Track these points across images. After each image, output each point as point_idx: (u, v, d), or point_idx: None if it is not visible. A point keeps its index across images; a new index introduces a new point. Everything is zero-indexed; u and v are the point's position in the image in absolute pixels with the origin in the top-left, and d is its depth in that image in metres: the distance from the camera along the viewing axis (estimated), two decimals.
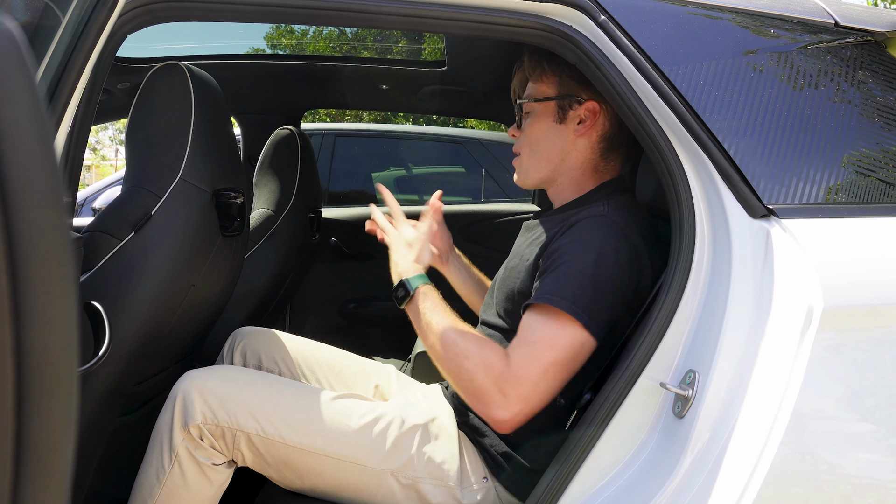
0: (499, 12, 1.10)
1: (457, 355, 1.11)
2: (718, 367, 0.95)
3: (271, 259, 2.05)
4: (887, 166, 1.04)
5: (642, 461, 1.03)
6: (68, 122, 0.97)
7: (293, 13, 1.10)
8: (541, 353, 1.07)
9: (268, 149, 2.16)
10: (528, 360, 1.07)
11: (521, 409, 1.06)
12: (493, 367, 1.08)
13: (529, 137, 1.32)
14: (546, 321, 1.10)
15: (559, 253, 1.14)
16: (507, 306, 1.26)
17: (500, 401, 1.06)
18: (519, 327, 1.14)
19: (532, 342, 1.09)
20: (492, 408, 1.07)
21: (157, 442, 1.18)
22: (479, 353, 1.10)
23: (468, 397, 1.11)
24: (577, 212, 1.23)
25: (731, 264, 0.99)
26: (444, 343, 1.12)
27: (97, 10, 0.94)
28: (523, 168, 1.35)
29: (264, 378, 1.27)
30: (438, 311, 1.17)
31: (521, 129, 1.35)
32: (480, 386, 1.08)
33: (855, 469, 0.94)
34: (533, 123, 1.32)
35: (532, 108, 1.32)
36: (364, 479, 1.19)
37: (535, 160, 1.32)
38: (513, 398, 1.06)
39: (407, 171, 4.38)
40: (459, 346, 1.11)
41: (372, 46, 9.35)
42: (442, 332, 1.13)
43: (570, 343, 1.08)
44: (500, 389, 1.06)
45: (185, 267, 1.23)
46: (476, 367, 1.08)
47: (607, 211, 1.19)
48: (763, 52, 1.08)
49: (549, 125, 1.30)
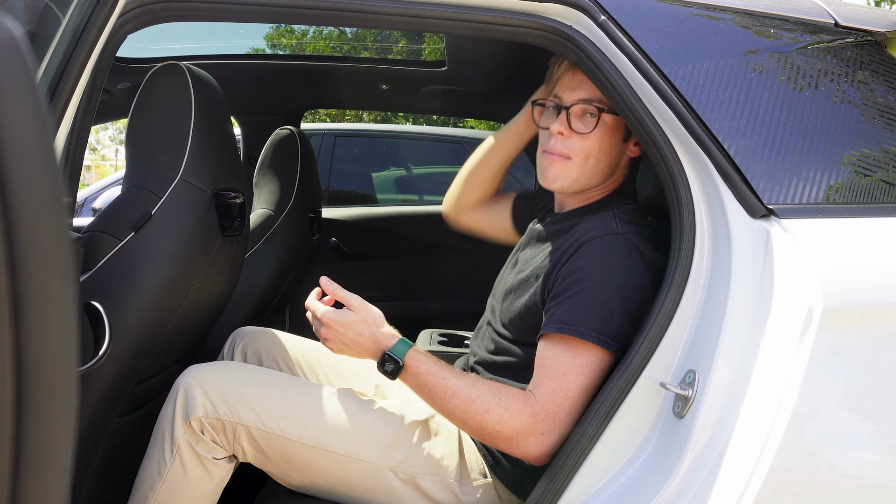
0: (499, 12, 1.10)
1: (476, 412, 1.09)
2: (718, 367, 0.95)
3: (271, 259, 2.05)
4: (887, 166, 1.04)
5: (642, 461, 1.03)
6: (68, 122, 0.97)
7: (293, 13, 1.10)
8: (573, 382, 1.08)
9: (268, 149, 2.16)
10: (560, 394, 1.08)
11: (558, 438, 1.07)
12: (522, 412, 1.08)
13: (592, 147, 1.22)
14: (573, 350, 1.09)
15: (576, 277, 1.12)
16: (513, 318, 1.25)
17: (536, 440, 1.07)
18: (540, 357, 1.12)
19: (562, 374, 1.08)
20: (529, 449, 1.07)
21: (159, 435, 1.18)
22: (500, 402, 1.09)
23: (501, 444, 1.09)
24: (585, 220, 1.21)
25: (731, 264, 0.99)
26: (459, 404, 1.11)
27: (97, 10, 0.94)
28: (573, 176, 1.23)
29: (265, 373, 1.27)
30: (436, 371, 1.14)
31: (576, 131, 1.22)
32: (512, 432, 1.07)
33: (855, 469, 0.94)
34: (602, 134, 1.22)
35: (600, 117, 1.21)
36: (363, 474, 1.19)
37: (591, 173, 1.24)
38: (549, 432, 1.07)
39: (407, 171, 4.38)
40: (476, 402, 1.10)
41: (372, 46, 9.35)
42: (452, 395, 1.11)
43: (597, 367, 1.09)
44: (533, 429, 1.07)
45: (186, 267, 1.23)
46: (501, 417, 1.08)
47: (620, 229, 1.16)
48: (763, 52, 1.08)
49: (617, 141, 1.24)
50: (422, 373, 1.14)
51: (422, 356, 1.16)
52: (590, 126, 1.21)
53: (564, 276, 1.14)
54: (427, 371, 1.14)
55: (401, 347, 1.16)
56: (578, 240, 1.16)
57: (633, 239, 1.14)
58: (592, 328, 1.08)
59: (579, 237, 1.16)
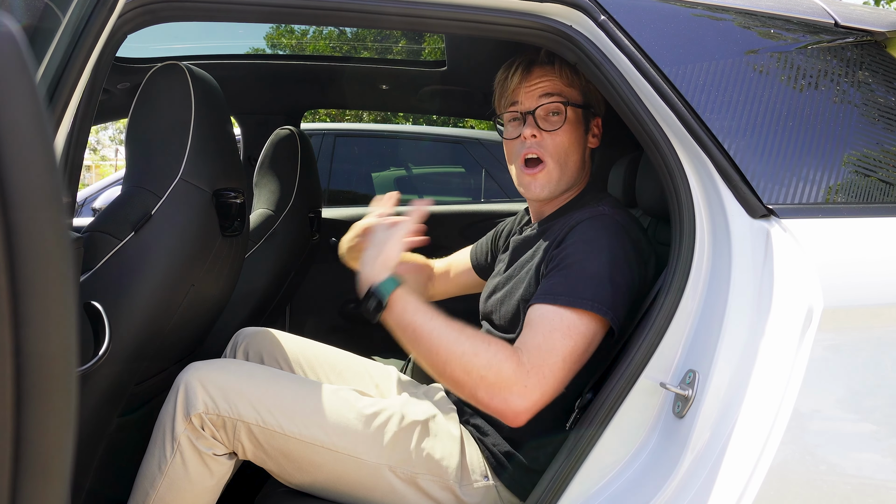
0: (499, 12, 1.10)
1: (463, 353, 1.05)
2: (718, 367, 0.95)
3: (271, 259, 2.05)
4: (887, 166, 1.04)
5: (642, 461, 1.03)
6: (68, 122, 0.97)
7: (293, 13, 1.10)
8: (559, 341, 1.06)
9: (268, 149, 2.16)
10: (547, 349, 1.06)
11: (539, 398, 1.04)
12: (509, 359, 1.05)
13: (563, 142, 1.24)
14: (561, 313, 1.08)
15: (567, 253, 1.13)
16: (512, 317, 1.26)
17: (519, 390, 1.03)
18: (529, 318, 1.12)
19: (549, 331, 1.07)
20: (511, 400, 1.03)
21: (160, 432, 1.19)
22: (489, 348, 1.06)
23: (482, 393, 1.05)
24: (570, 215, 1.24)
25: (731, 264, 0.99)
26: (445, 345, 1.06)
27: (97, 10, 0.94)
28: (553, 179, 1.25)
29: (266, 371, 1.28)
30: (424, 313, 1.09)
31: (546, 130, 1.24)
32: (497, 378, 1.04)
33: (855, 469, 0.94)
34: (570, 129, 1.24)
35: (563, 112, 1.24)
36: (363, 472, 1.19)
37: (568, 169, 1.26)
38: (532, 386, 1.04)
39: (407, 171, 4.38)
40: (464, 344, 1.06)
41: (372, 46, 9.35)
42: (438, 335, 1.07)
43: (584, 332, 1.08)
44: (518, 379, 1.04)
45: (185, 267, 1.23)
46: (489, 362, 1.04)
47: (606, 210, 1.20)
48: (763, 52, 1.08)
49: (581, 133, 1.27)
50: (408, 311, 1.09)
51: (409, 298, 1.10)
52: (557, 123, 1.25)
53: (555, 256, 1.15)
54: (414, 310, 1.09)
55: (388, 285, 1.10)
56: (568, 226, 1.18)
57: (620, 219, 1.18)
58: (584, 296, 1.08)
59: (569, 224, 1.19)
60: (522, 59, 1.29)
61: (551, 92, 1.25)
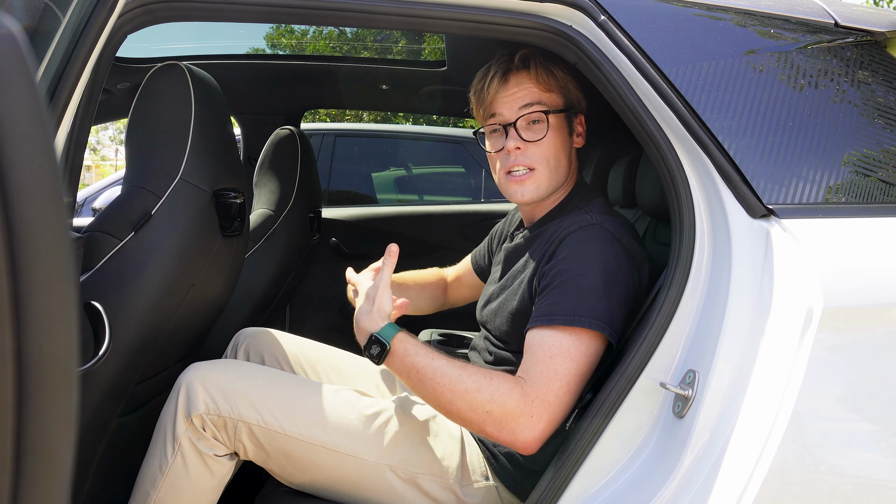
0: (499, 12, 1.10)
1: (466, 391, 1.06)
2: (718, 368, 0.95)
3: (271, 259, 2.05)
4: (887, 166, 1.04)
5: (642, 461, 1.03)
6: (68, 122, 0.97)
7: (293, 13, 1.10)
8: (561, 366, 1.06)
9: (268, 149, 2.16)
10: (549, 377, 1.06)
11: (547, 425, 1.05)
12: (512, 392, 1.05)
13: (547, 152, 1.24)
14: (559, 335, 1.08)
15: (560, 269, 1.13)
16: (507, 329, 1.26)
17: (525, 421, 1.04)
18: (528, 344, 1.12)
19: (549, 357, 1.07)
20: (518, 432, 1.04)
21: (161, 432, 1.19)
22: (491, 383, 1.07)
23: (490, 428, 1.06)
24: (560, 221, 1.24)
25: (730, 264, 0.99)
26: (449, 384, 1.07)
27: (97, 10, 0.94)
28: (543, 183, 1.25)
29: (267, 371, 1.28)
30: (425, 354, 1.11)
31: (530, 141, 1.23)
32: (503, 412, 1.05)
33: (854, 469, 0.94)
34: (553, 136, 1.24)
35: (545, 121, 1.23)
36: (363, 472, 1.19)
37: (555, 176, 1.26)
38: (538, 416, 1.04)
39: (407, 171, 4.38)
40: (466, 381, 1.07)
41: (372, 46, 9.35)
42: (441, 375, 1.08)
43: (584, 351, 1.08)
44: (524, 410, 1.04)
45: (185, 267, 1.23)
46: (493, 397, 1.05)
47: (595, 219, 1.19)
48: (763, 52, 1.08)
49: (565, 137, 1.27)
50: (410, 354, 1.11)
51: (410, 339, 1.13)
52: (540, 133, 1.23)
53: (548, 272, 1.15)
54: (415, 352, 1.11)
55: (388, 331, 1.13)
56: (558, 237, 1.18)
57: (610, 227, 1.17)
58: (581, 314, 1.07)
59: (558, 235, 1.18)
60: (498, 67, 1.27)
61: (530, 102, 1.24)
